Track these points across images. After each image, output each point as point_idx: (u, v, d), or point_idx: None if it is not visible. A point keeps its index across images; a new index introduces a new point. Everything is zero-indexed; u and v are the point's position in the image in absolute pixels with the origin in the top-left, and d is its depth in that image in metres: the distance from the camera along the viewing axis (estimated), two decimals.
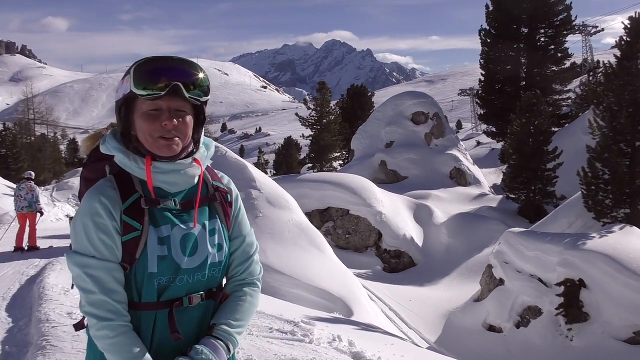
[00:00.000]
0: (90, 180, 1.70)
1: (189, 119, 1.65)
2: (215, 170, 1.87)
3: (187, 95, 1.59)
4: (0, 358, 5.46)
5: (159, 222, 1.64)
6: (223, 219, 1.78)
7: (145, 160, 1.63)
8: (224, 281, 1.84)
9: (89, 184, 1.70)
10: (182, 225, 1.66)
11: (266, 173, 25.51)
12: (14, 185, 28.61)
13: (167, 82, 1.57)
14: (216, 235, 1.74)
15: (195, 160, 1.70)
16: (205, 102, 1.69)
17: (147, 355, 1.58)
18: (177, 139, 1.62)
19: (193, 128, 1.69)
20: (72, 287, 1.71)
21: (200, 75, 1.64)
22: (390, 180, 27.14)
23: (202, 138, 1.77)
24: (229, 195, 1.83)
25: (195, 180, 1.72)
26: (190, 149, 1.70)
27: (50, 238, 15.40)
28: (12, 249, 12.55)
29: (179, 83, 1.58)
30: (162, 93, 1.57)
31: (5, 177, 30.26)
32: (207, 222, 1.73)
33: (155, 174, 1.64)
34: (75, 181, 35.51)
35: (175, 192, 1.69)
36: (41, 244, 13.64)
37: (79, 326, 1.70)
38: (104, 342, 1.57)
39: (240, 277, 1.82)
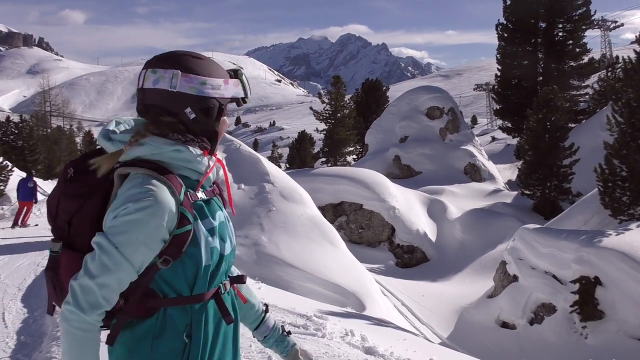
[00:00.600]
0: (82, 195, 1.64)
1: None
2: None
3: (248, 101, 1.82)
4: (16, 348, 5.52)
5: (202, 215, 1.70)
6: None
7: (215, 158, 1.78)
8: None
9: (76, 201, 1.63)
10: (214, 215, 1.75)
11: (280, 167, 25.53)
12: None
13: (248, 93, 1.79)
14: (230, 222, 1.84)
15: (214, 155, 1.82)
16: None
17: None
18: None
19: None
20: None
21: None
22: (404, 175, 27.06)
23: None
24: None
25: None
26: None
27: None
28: None
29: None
30: (247, 101, 1.81)
31: (21, 169, 30.55)
32: (224, 212, 1.83)
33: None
34: None
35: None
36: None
37: (110, 339, 1.66)
38: (65, 325, 1.51)
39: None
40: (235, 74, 1.77)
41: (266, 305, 2.04)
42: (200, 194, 1.71)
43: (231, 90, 1.74)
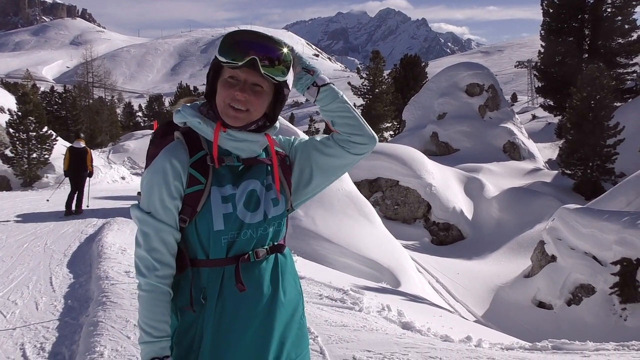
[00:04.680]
0: (152, 157, 1.77)
1: (265, 94, 1.71)
2: (273, 137, 1.92)
3: (262, 71, 1.65)
4: (64, 311, 5.72)
5: (222, 182, 1.71)
6: (282, 177, 1.85)
7: (216, 125, 1.72)
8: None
9: (149, 160, 1.77)
10: (244, 183, 1.75)
11: None
12: None
13: (246, 55, 1.64)
14: (272, 191, 1.80)
15: (266, 135, 1.80)
16: (285, 83, 1.74)
17: (164, 326, 1.68)
18: (245, 112, 1.69)
19: (270, 105, 1.76)
20: None
21: (283, 53, 1.69)
22: (441, 152, 26.80)
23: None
24: (287, 159, 1.90)
25: (262, 150, 1.82)
26: (260, 123, 1.77)
27: (106, 199, 15.95)
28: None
29: (256, 57, 1.63)
30: (240, 64, 1.63)
31: (64, 139, 31.30)
32: (265, 179, 1.80)
33: (227, 140, 1.73)
34: (131, 144, 36.50)
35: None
36: (97, 204, 14.21)
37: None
38: (138, 291, 1.71)
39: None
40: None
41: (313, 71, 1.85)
42: (232, 158, 1.73)
43: (214, 55, 1.72)
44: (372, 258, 11.17)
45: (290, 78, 1.74)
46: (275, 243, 1.80)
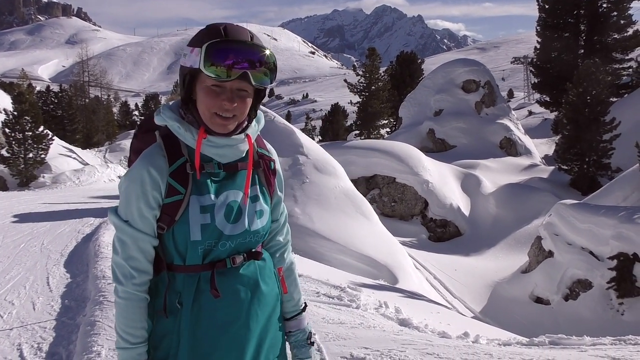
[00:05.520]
0: (140, 150, 1.72)
1: (249, 99, 1.67)
2: (265, 141, 1.90)
3: (253, 82, 1.61)
4: (61, 311, 5.71)
5: (202, 191, 1.67)
6: (265, 185, 1.83)
7: (199, 131, 1.66)
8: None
9: (138, 154, 1.72)
10: (225, 193, 1.70)
11: (313, 139, 25.53)
12: (70, 146, 29.57)
13: (237, 69, 1.57)
14: (257, 202, 1.77)
15: (247, 136, 1.73)
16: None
17: (142, 332, 1.67)
18: (233, 118, 1.64)
19: (251, 105, 1.72)
20: None
21: (270, 61, 1.64)
22: (438, 149, 26.80)
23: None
24: (272, 164, 1.86)
25: (244, 154, 1.75)
26: (244, 125, 1.73)
27: (103, 198, 15.95)
28: None
29: (247, 72, 1.58)
30: (230, 79, 1.58)
31: (61, 138, 31.26)
32: (249, 189, 1.76)
33: (208, 147, 1.67)
34: (127, 143, 36.44)
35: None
36: (95, 203, 14.19)
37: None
38: (114, 297, 1.71)
39: (284, 248, 1.96)
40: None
41: (305, 304, 1.99)
42: (212, 165, 1.69)
43: (191, 59, 1.62)
44: (369, 255, 11.19)
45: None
46: (253, 250, 1.77)
